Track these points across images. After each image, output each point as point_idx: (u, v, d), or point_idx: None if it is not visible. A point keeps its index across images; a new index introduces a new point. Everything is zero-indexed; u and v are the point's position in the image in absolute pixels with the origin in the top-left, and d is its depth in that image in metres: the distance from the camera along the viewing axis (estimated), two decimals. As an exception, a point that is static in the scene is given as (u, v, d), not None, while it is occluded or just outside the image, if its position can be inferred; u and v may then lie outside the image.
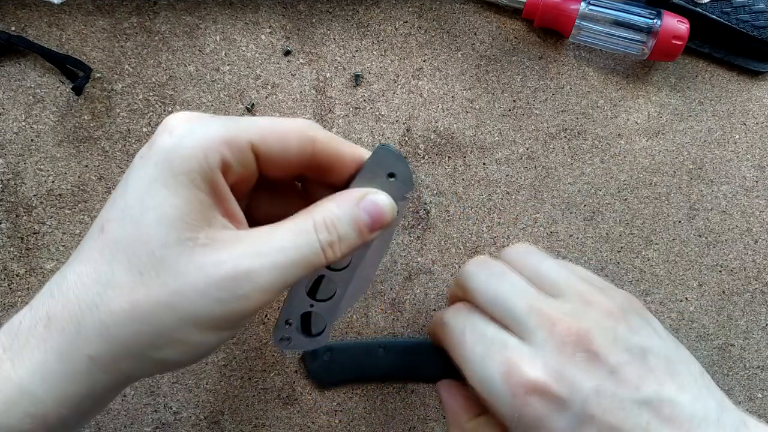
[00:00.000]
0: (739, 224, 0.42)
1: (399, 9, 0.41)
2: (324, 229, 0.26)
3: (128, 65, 0.39)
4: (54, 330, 0.23)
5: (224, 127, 0.25)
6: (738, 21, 0.41)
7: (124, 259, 0.23)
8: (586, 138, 0.42)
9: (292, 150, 0.26)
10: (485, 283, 0.30)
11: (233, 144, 0.25)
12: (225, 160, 0.24)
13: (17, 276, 0.37)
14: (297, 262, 0.25)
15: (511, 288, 0.29)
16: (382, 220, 0.27)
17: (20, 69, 0.38)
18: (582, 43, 0.42)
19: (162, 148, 0.24)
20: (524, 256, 0.31)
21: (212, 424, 0.37)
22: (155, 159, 0.24)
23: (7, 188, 0.37)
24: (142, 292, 0.23)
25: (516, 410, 0.26)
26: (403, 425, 0.38)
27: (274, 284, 0.24)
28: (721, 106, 0.43)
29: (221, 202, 0.25)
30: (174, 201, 0.23)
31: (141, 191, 0.24)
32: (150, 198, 0.23)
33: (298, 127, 0.26)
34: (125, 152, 0.38)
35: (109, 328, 0.23)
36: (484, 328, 0.28)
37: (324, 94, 0.40)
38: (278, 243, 0.25)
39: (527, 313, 0.27)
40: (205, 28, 0.40)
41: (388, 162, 0.28)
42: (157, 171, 0.24)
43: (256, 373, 0.38)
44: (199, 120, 0.25)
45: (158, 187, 0.23)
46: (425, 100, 0.41)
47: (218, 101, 0.39)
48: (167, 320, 0.23)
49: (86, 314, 0.23)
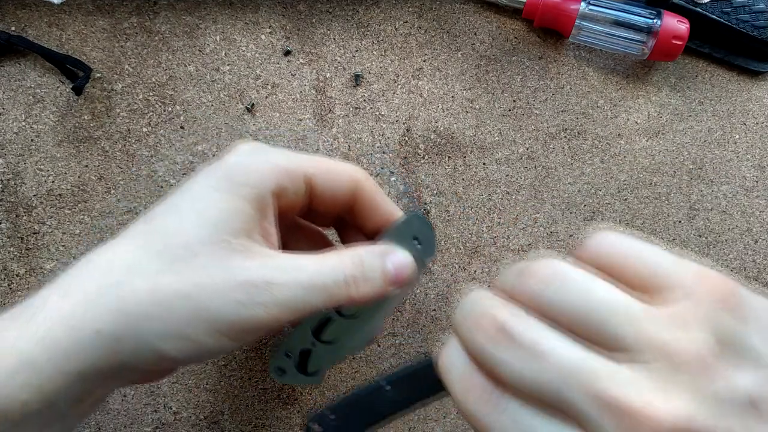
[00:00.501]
0: (739, 224, 0.42)
1: (399, 9, 0.41)
2: (351, 265, 0.27)
3: (128, 65, 0.39)
4: (70, 301, 0.23)
5: (285, 157, 0.28)
6: (738, 21, 0.41)
7: (161, 245, 0.25)
8: (586, 138, 0.42)
9: (341, 189, 0.29)
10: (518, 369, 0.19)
11: (291, 172, 0.27)
12: (280, 184, 0.27)
13: (17, 276, 0.37)
14: (318, 286, 0.26)
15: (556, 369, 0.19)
16: (404, 277, 0.28)
17: (20, 69, 0.38)
18: (582, 43, 0.42)
19: (226, 163, 0.27)
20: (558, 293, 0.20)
21: (212, 424, 0.37)
22: (217, 172, 0.27)
23: (7, 188, 0.37)
24: (166, 279, 0.24)
25: None
26: (403, 425, 0.38)
27: (291, 303, 0.25)
28: (721, 106, 0.43)
29: (264, 222, 0.27)
30: (222, 205, 0.25)
31: (194, 193, 0.26)
32: (201, 199, 0.26)
33: (351, 170, 0.29)
34: (125, 152, 0.38)
35: (125, 305, 0.23)
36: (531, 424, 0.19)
37: (324, 94, 0.40)
38: (304, 265, 0.26)
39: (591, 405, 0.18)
40: (205, 28, 0.40)
41: (416, 226, 0.29)
42: (216, 180, 0.26)
43: (256, 373, 0.38)
44: (265, 148, 0.28)
45: (211, 192, 0.26)
46: (425, 100, 0.41)
47: (218, 101, 0.39)
48: (181, 311, 0.24)
49: (107, 290, 0.24)
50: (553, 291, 0.20)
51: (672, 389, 0.18)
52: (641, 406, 0.17)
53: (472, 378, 0.20)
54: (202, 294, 0.24)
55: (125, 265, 0.24)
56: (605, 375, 0.18)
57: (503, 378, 0.19)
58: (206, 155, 0.39)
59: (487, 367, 0.20)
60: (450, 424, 0.38)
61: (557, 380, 0.18)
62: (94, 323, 0.23)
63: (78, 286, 0.24)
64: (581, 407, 0.18)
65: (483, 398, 0.20)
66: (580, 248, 0.22)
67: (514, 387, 0.19)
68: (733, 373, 0.18)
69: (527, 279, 0.20)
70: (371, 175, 0.40)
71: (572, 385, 0.18)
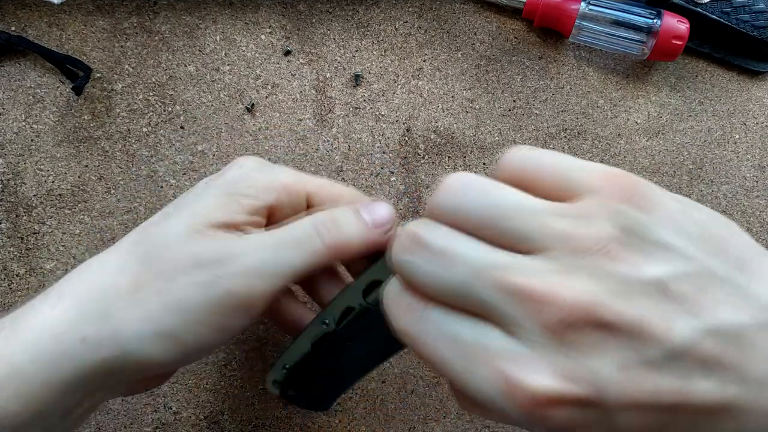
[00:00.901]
0: (739, 224, 0.42)
1: (399, 9, 0.41)
2: (320, 215, 0.26)
3: (128, 65, 0.39)
4: (61, 306, 0.23)
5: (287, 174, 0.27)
6: (738, 21, 0.41)
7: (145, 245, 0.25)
8: (586, 138, 0.42)
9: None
10: (431, 272, 0.20)
11: (291, 189, 0.27)
12: (280, 200, 0.27)
13: (17, 276, 0.37)
14: (287, 241, 0.25)
15: (464, 268, 0.20)
16: (382, 218, 0.27)
17: (20, 69, 0.38)
18: (582, 43, 0.42)
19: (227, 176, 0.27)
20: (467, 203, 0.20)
21: (212, 424, 0.37)
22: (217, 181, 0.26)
23: (7, 188, 0.37)
24: (143, 278, 0.23)
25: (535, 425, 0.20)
26: (403, 425, 0.38)
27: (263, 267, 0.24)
28: (721, 106, 0.43)
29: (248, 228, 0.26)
30: (208, 201, 0.25)
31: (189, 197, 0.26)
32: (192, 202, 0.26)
33: (350, 192, 0.29)
34: (125, 152, 0.38)
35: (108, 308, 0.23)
36: (452, 328, 0.20)
37: (324, 94, 0.40)
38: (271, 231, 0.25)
39: (500, 298, 0.19)
40: (205, 28, 0.40)
41: None
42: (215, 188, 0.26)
43: (256, 373, 0.38)
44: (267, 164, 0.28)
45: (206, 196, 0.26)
46: (425, 100, 0.41)
47: (218, 101, 0.39)
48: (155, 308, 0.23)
49: (94, 296, 0.23)
50: (459, 200, 0.20)
51: (574, 274, 0.18)
52: (544, 290, 0.18)
53: (402, 297, 0.21)
54: (171, 286, 0.23)
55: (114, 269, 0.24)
56: (510, 267, 0.19)
57: (420, 285, 0.21)
58: (206, 155, 0.39)
59: (406, 276, 0.21)
60: (450, 424, 0.38)
61: (467, 278, 0.19)
62: (80, 331, 0.23)
63: (71, 292, 0.24)
64: (491, 301, 0.19)
65: (409, 312, 0.21)
66: (496, 166, 0.22)
67: (433, 294, 0.20)
68: (640, 260, 0.19)
69: (439, 194, 0.21)
70: (371, 175, 0.40)
71: (480, 280, 0.19)
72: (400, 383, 0.39)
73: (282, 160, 0.39)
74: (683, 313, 0.18)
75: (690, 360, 0.18)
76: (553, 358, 0.19)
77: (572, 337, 0.18)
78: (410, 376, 0.39)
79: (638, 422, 0.19)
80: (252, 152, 0.39)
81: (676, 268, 0.19)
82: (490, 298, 0.19)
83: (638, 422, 0.19)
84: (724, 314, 0.19)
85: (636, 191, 0.19)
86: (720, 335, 0.18)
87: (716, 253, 0.19)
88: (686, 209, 0.20)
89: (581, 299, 0.18)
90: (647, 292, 0.18)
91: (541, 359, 0.19)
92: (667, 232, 0.19)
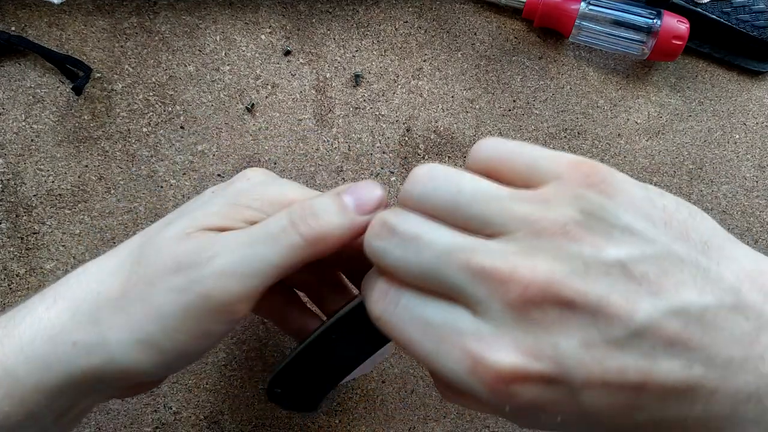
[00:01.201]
0: (739, 224, 0.42)
1: (399, 9, 0.41)
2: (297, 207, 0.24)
3: (128, 65, 0.39)
4: (57, 308, 0.23)
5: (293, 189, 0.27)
6: (738, 21, 0.42)
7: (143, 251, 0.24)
8: (586, 138, 0.42)
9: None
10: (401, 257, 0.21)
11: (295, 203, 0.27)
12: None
13: (17, 276, 0.37)
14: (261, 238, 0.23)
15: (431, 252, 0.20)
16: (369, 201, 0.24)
17: (20, 69, 0.38)
18: (582, 43, 0.42)
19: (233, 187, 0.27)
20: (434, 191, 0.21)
21: (212, 424, 0.37)
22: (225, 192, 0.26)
23: (7, 188, 0.37)
24: (132, 282, 0.23)
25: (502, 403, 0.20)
26: (403, 425, 0.38)
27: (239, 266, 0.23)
28: (721, 106, 0.43)
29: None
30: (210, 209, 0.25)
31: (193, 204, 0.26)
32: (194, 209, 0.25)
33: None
34: (125, 152, 0.38)
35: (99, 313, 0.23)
36: (422, 311, 0.21)
37: (324, 94, 0.40)
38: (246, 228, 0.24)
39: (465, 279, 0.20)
40: (205, 28, 0.40)
41: None
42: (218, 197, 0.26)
43: (256, 373, 0.38)
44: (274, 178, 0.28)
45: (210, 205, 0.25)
46: (425, 100, 0.41)
47: (218, 101, 0.39)
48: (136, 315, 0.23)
49: (87, 300, 0.23)
50: (427, 189, 0.21)
51: (536, 254, 0.19)
52: (507, 270, 0.19)
53: (377, 284, 0.22)
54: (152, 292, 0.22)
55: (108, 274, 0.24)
56: (475, 249, 0.20)
57: (392, 270, 0.21)
58: (206, 155, 0.39)
59: (379, 262, 0.22)
60: (450, 424, 0.38)
61: (435, 261, 0.20)
62: (72, 334, 0.23)
63: (67, 294, 0.24)
64: (458, 282, 0.20)
65: (383, 298, 0.22)
66: (467, 158, 0.23)
67: (404, 278, 0.21)
68: (602, 242, 0.19)
69: (408, 183, 0.22)
70: (371, 175, 0.40)
71: (447, 263, 0.20)
72: (400, 383, 0.39)
73: (282, 160, 0.39)
74: (646, 294, 0.19)
75: (654, 339, 0.18)
76: (517, 335, 0.19)
77: (535, 314, 0.19)
78: (410, 376, 0.39)
79: (604, 401, 0.19)
80: (252, 152, 0.39)
81: (639, 251, 0.19)
82: (457, 279, 0.20)
83: (604, 401, 0.19)
84: (687, 295, 0.19)
85: (599, 177, 0.20)
86: (684, 316, 0.19)
87: (680, 237, 0.20)
88: (650, 195, 0.20)
89: (541, 277, 0.19)
90: (609, 272, 0.19)
91: (504, 336, 0.19)
92: (629, 216, 0.20)
